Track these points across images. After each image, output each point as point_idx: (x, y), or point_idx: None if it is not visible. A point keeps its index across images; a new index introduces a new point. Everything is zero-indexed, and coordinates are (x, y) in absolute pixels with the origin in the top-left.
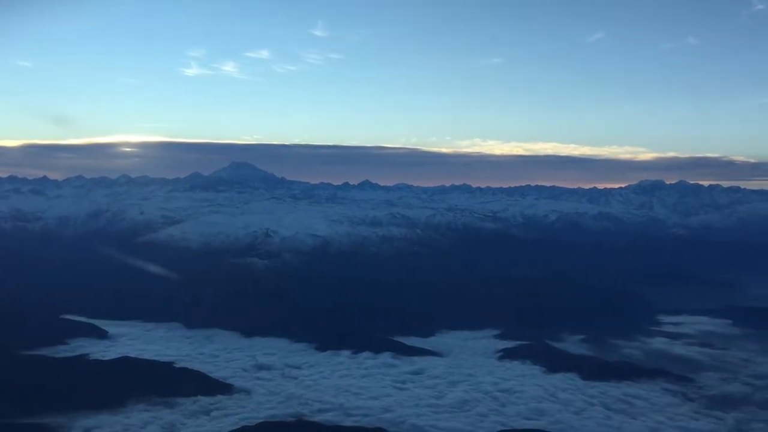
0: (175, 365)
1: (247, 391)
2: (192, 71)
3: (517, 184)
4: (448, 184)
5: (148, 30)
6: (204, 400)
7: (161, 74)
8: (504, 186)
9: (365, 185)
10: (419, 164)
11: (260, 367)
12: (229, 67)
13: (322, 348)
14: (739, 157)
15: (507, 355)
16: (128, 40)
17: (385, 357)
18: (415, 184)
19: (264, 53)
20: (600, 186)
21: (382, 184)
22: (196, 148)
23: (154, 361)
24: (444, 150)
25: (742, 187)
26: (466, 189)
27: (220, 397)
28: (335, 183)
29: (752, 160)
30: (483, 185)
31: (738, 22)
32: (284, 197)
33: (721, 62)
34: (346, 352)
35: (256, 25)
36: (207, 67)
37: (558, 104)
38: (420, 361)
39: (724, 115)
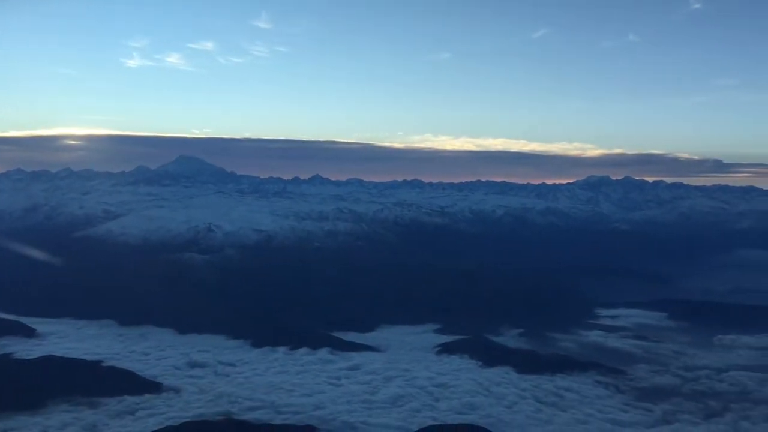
0: (102, 364)
1: (176, 390)
2: (134, 62)
3: (468, 180)
4: (400, 179)
5: (86, 19)
6: (130, 400)
7: (102, 65)
8: (455, 181)
9: (316, 180)
10: (371, 159)
11: (193, 365)
12: (173, 59)
13: (258, 344)
14: (684, 154)
15: (445, 349)
16: (65, 29)
17: (323, 353)
18: (367, 180)
19: (208, 45)
20: (549, 181)
21: (333, 179)
22: (143, 142)
23: (81, 359)
24: (396, 145)
25: (686, 183)
26: (416, 184)
27: (147, 396)
28: (286, 178)
29: (696, 157)
30: (435, 180)
31: (676, 20)
32: (231, 192)
33: (662, 60)
34: (282, 349)
35: (199, 15)
36: (150, 58)
37: (508, 100)
38: (357, 357)
39: (669, 113)
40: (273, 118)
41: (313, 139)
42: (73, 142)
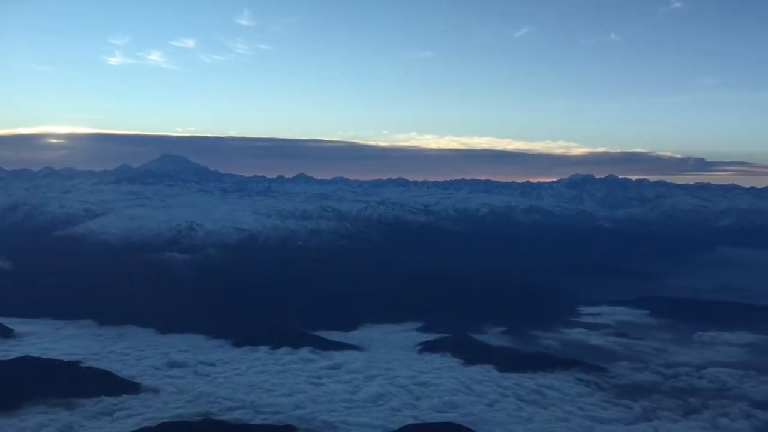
0: (80, 364)
1: (155, 390)
2: (116, 60)
3: (453, 178)
4: (385, 177)
5: (67, 16)
6: (107, 401)
7: (83, 63)
8: (440, 180)
9: (300, 179)
10: (356, 158)
11: (172, 365)
12: (154, 56)
13: (239, 344)
14: (667, 153)
15: (427, 348)
16: (46, 27)
17: (304, 352)
18: (352, 178)
19: (190, 42)
20: (533, 180)
21: (318, 177)
22: (126, 140)
23: (58, 360)
24: (381, 144)
25: (668, 181)
26: (401, 183)
27: (125, 396)
28: (270, 176)
29: (678, 156)
30: (419, 179)
31: (657, 19)
32: (214, 190)
33: (644, 59)
34: (263, 348)
35: (181, 13)
36: (131, 56)
37: (493, 99)
38: (339, 356)
39: (652, 111)
40: (258, 116)
41: (298, 137)
42: (54, 140)
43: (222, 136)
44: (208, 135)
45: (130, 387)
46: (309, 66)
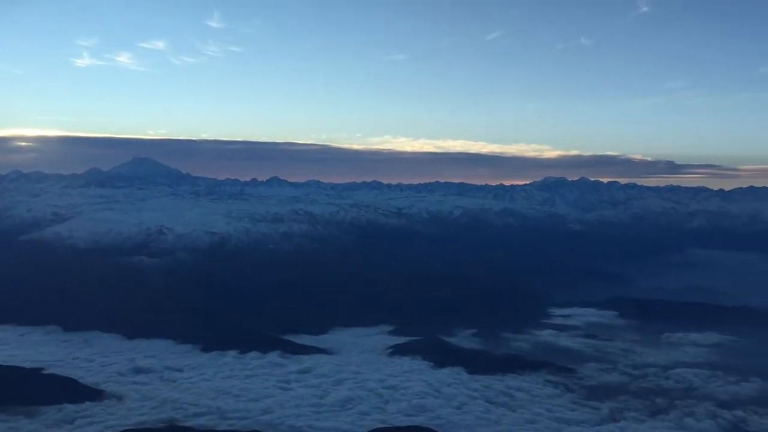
0: (43, 371)
1: (119, 397)
2: (84, 61)
3: (427, 181)
4: (359, 180)
5: (34, 17)
6: (70, 408)
7: (50, 65)
8: (414, 183)
9: (273, 182)
10: (330, 161)
11: (138, 371)
12: (123, 58)
13: (207, 349)
14: (637, 156)
15: (397, 351)
16: (12, 28)
17: (273, 356)
18: (326, 181)
19: (159, 44)
20: (507, 183)
21: (292, 180)
22: (96, 143)
23: (20, 367)
24: (356, 147)
25: (639, 184)
26: (375, 186)
27: (88, 404)
28: (243, 179)
29: (649, 158)
30: (394, 182)
31: (625, 23)
32: (185, 194)
33: (614, 62)
34: (232, 353)
35: (149, 14)
36: (100, 58)
37: (467, 102)
38: (308, 360)
39: (624, 115)
40: (231, 119)
41: (271, 140)
42: (23, 143)
43: (195, 139)
44: (181, 138)
45: (93, 394)
46: (281, 68)
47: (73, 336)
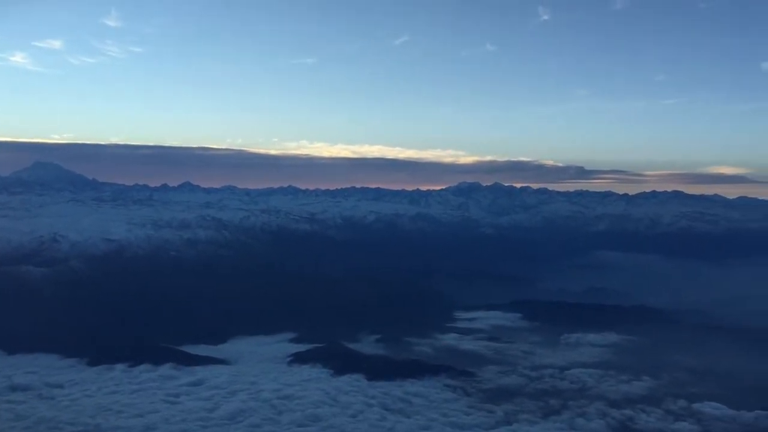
0: None
1: None
2: None
3: (344, 186)
4: (275, 186)
5: None
6: None
7: None
8: (331, 188)
9: (185, 187)
10: (246, 166)
11: (14, 388)
12: (18, 58)
13: (94, 363)
14: (549, 161)
15: (297, 359)
16: None
17: (165, 369)
18: (241, 187)
19: (56, 43)
20: (423, 188)
21: (206, 186)
22: None
23: None
24: (272, 152)
25: (550, 188)
26: (290, 191)
27: None
28: (153, 185)
29: (560, 164)
30: (311, 187)
31: (528, 31)
32: (87, 200)
33: (522, 69)
34: (121, 366)
35: (40, 12)
36: None
37: (382, 107)
38: (202, 371)
39: (536, 121)
40: (141, 122)
41: (184, 145)
42: None
43: (103, 143)
44: (88, 142)
45: None
46: (190, 70)
47: None
